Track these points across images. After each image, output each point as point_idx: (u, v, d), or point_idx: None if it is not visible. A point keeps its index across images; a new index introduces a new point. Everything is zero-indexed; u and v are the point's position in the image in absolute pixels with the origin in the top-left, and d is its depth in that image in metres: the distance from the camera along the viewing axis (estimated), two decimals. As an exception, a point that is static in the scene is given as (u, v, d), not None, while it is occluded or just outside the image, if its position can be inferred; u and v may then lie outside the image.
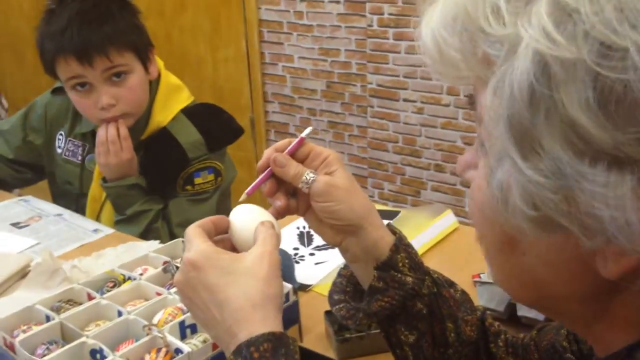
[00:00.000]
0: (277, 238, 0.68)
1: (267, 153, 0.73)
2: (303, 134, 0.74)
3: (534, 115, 0.39)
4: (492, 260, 0.52)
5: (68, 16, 1.35)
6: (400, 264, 0.72)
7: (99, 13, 1.38)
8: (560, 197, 0.40)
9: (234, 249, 0.71)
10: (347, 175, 0.73)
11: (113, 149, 1.40)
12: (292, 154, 0.73)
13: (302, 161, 0.73)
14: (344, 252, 0.75)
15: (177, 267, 0.72)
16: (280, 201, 0.73)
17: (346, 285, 0.78)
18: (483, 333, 0.77)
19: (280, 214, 0.73)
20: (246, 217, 0.71)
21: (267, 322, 0.61)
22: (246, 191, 0.74)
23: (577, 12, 0.37)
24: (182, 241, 1.17)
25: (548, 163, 0.39)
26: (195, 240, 0.66)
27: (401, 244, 0.73)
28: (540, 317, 0.96)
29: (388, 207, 1.54)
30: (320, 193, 0.70)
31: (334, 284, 0.79)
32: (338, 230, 0.73)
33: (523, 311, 0.98)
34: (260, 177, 0.73)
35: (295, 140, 0.73)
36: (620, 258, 0.41)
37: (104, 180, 1.47)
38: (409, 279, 0.72)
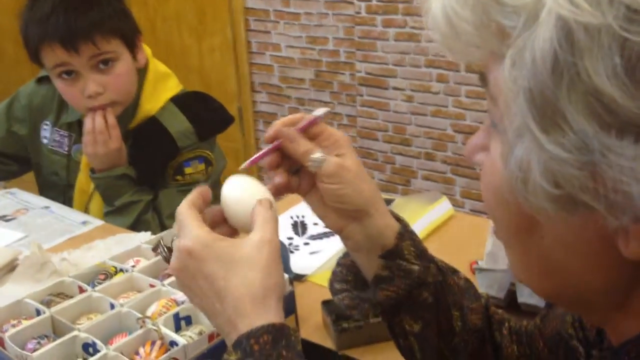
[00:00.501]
0: (276, 220, 0.64)
1: (277, 125, 0.69)
2: (318, 113, 0.70)
3: (557, 85, 0.37)
4: (509, 247, 0.50)
5: (52, 2, 1.32)
6: (406, 252, 0.70)
7: None
8: (585, 174, 0.38)
9: (224, 220, 0.67)
10: (356, 159, 0.70)
11: (101, 138, 1.37)
12: (302, 132, 0.69)
13: (311, 140, 0.70)
14: (345, 239, 0.72)
15: (168, 248, 0.69)
16: (281, 177, 0.69)
17: (347, 274, 0.75)
18: (487, 321, 0.75)
19: (279, 192, 0.69)
20: (241, 191, 0.67)
21: (267, 313, 0.59)
22: (246, 163, 0.69)
23: None
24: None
25: (572, 137, 0.37)
26: (189, 224, 0.62)
27: (406, 232, 0.71)
28: (541, 304, 0.95)
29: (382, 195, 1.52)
30: (330, 174, 0.67)
31: (334, 273, 0.77)
32: (342, 215, 0.70)
33: (523, 298, 0.97)
34: (265, 149, 0.69)
35: (308, 118, 0.69)
36: None
37: (92, 171, 1.44)
38: (415, 267, 0.69)
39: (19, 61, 1.39)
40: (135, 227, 1.41)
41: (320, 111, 0.71)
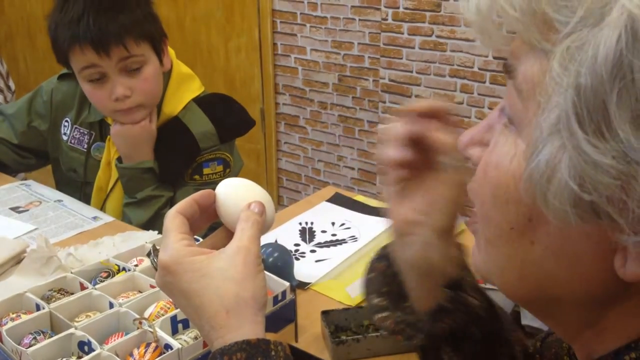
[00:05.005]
0: (259, 225, 0.62)
1: (429, 101, 0.60)
2: None
3: (612, 88, 0.34)
4: (491, 247, 0.47)
5: (83, 4, 1.31)
6: (466, 284, 0.66)
7: (114, 1, 1.34)
8: (617, 183, 0.35)
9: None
10: None
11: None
12: None
13: None
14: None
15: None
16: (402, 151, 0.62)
17: (380, 285, 0.69)
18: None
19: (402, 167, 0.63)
20: (234, 192, 0.65)
21: (243, 328, 0.57)
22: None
23: None
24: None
25: (613, 144, 0.34)
26: (169, 236, 0.61)
27: (465, 261, 0.65)
28: (545, 327, 0.93)
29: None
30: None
31: (368, 280, 0.70)
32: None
33: (527, 320, 0.94)
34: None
35: None
36: None
37: (119, 160, 1.45)
38: (475, 302, 0.66)
39: (50, 52, 1.39)
40: (153, 221, 1.41)
41: None
